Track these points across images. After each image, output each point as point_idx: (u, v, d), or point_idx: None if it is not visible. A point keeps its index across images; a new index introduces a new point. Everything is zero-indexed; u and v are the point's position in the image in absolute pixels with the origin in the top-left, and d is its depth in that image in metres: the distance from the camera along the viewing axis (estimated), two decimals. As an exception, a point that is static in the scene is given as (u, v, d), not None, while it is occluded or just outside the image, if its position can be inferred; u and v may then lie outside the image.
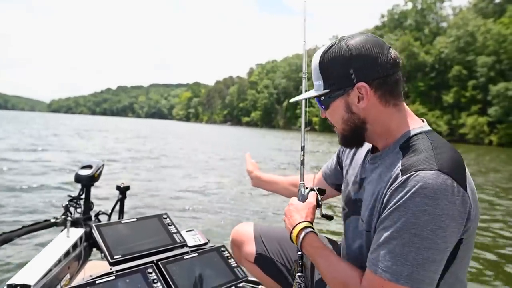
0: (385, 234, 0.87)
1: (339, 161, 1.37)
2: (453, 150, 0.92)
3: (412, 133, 0.98)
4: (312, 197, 1.16)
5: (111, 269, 1.55)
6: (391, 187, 0.89)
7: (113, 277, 1.47)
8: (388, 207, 0.88)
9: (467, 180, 0.88)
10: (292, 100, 1.19)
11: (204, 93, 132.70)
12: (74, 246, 1.85)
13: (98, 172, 2.14)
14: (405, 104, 1.02)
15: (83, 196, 2.12)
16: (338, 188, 1.40)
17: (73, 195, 2.11)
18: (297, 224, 1.10)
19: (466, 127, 38.77)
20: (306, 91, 1.33)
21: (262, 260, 1.41)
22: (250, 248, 1.44)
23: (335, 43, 0.99)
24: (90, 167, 2.14)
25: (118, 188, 2.27)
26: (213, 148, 18.20)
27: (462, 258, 0.91)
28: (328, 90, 1.00)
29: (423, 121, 1.03)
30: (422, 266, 0.83)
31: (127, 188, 2.29)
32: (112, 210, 2.24)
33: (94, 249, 2.01)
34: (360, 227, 1.05)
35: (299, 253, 1.13)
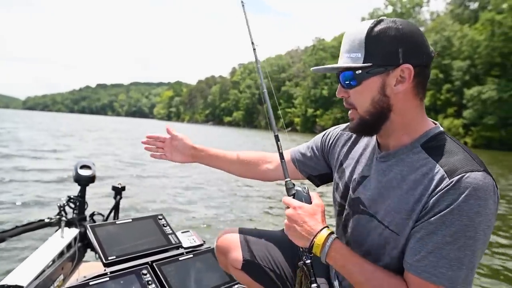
0: (436, 239, 0.84)
1: (322, 151, 1.30)
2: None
3: (433, 132, 0.96)
4: (318, 198, 1.06)
5: (105, 270, 1.57)
6: (436, 190, 0.86)
7: (107, 279, 1.50)
8: (437, 210, 0.85)
9: None
10: (315, 69, 1.03)
11: (186, 92, 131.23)
12: (68, 246, 1.85)
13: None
14: None
15: (81, 196, 2.13)
16: (310, 178, 1.34)
17: (69, 195, 2.11)
18: (319, 231, 0.98)
19: (443, 128, 39.84)
20: (256, 61, 1.29)
21: (250, 267, 1.34)
22: (237, 255, 1.35)
23: (388, 20, 0.93)
24: (88, 167, 2.14)
25: (113, 188, 2.27)
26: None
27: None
28: (370, 64, 0.93)
29: (435, 123, 1.01)
30: (474, 268, 0.84)
31: (123, 188, 2.29)
32: (111, 211, 2.24)
33: (89, 250, 2.01)
34: (377, 228, 0.99)
35: (309, 261, 1.03)
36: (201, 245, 1.91)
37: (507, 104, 34.00)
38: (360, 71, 0.94)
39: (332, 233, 0.99)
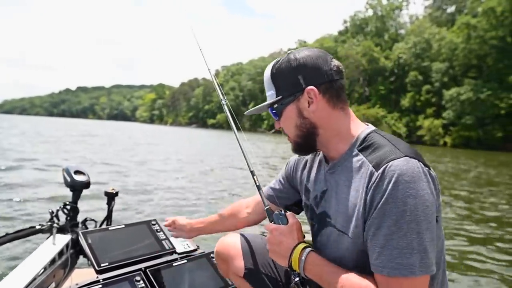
0: (383, 233, 0.88)
1: (288, 180, 1.36)
2: (403, 141, 1.01)
3: (364, 134, 1.04)
4: (293, 217, 1.11)
5: (97, 277, 1.56)
6: (369, 186, 0.92)
7: (100, 286, 1.49)
8: (375, 204, 0.91)
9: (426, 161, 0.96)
10: (247, 113, 1.25)
11: (168, 94, 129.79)
12: (60, 253, 1.83)
13: None
14: (350, 109, 1.09)
15: (73, 202, 2.10)
16: (289, 208, 1.37)
17: (65, 202, 2.08)
18: (294, 248, 1.03)
19: (423, 129, 40.75)
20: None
21: (252, 275, 1.33)
22: (238, 263, 1.35)
23: (284, 56, 1.08)
24: (82, 173, 2.12)
25: (106, 194, 2.25)
26: (191, 151, 17.95)
27: (438, 238, 0.95)
28: (280, 97, 1.08)
29: (368, 124, 1.10)
30: (426, 250, 0.86)
31: (116, 194, 2.27)
32: (105, 218, 2.21)
33: (81, 257, 1.99)
34: (340, 238, 1.03)
35: (297, 279, 1.05)
36: (195, 250, 1.91)
37: (484, 104, 35.03)
38: (276, 105, 1.10)
39: (307, 246, 1.03)
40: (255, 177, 1.24)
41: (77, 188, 2.09)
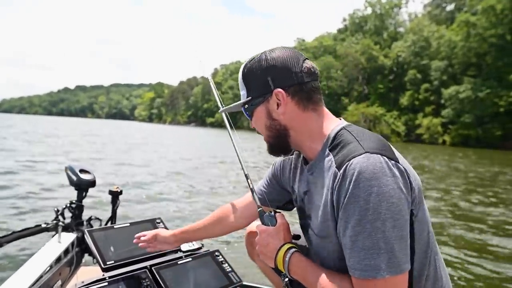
0: (349, 234, 0.87)
1: (276, 180, 1.35)
2: (373, 133, 0.99)
3: (334, 132, 1.02)
4: (281, 218, 1.10)
5: (103, 275, 1.57)
6: (334, 187, 0.91)
7: (106, 283, 1.50)
8: (340, 205, 0.89)
9: (395, 153, 0.94)
10: (221, 111, 1.27)
11: (167, 93, 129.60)
12: (66, 251, 1.83)
13: None
14: (325, 108, 1.08)
15: (79, 201, 2.10)
16: (279, 207, 1.37)
17: (71, 200, 2.09)
18: (279, 250, 1.04)
19: (422, 127, 40.81)
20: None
21: None
22: None
23: (257, 56, 1.07)
24: (87, 172, 2.12)
25: (110, 192, 2.25)
26: (192, 151, 17.97)
27: (421, 233, 0.94)
28: (250, 97, 1.08)
29: (340, 119, 1.09)
30: (394, 249, 0.83)
31: (120, 192, 2.27)
32: (110, 217, 2.22)
33: (87, 255, 2.00)
34: (322, 239, 1.02)
35: (286, 279, 1.06)
36: (200, 248, 1.92)
37: (483, 103, 35.08)
38: (247, 105, 1.10)
39: (292, 247, 1.03)
40: (249, 180, 1.24)
41: (83, 187, 2.09)
